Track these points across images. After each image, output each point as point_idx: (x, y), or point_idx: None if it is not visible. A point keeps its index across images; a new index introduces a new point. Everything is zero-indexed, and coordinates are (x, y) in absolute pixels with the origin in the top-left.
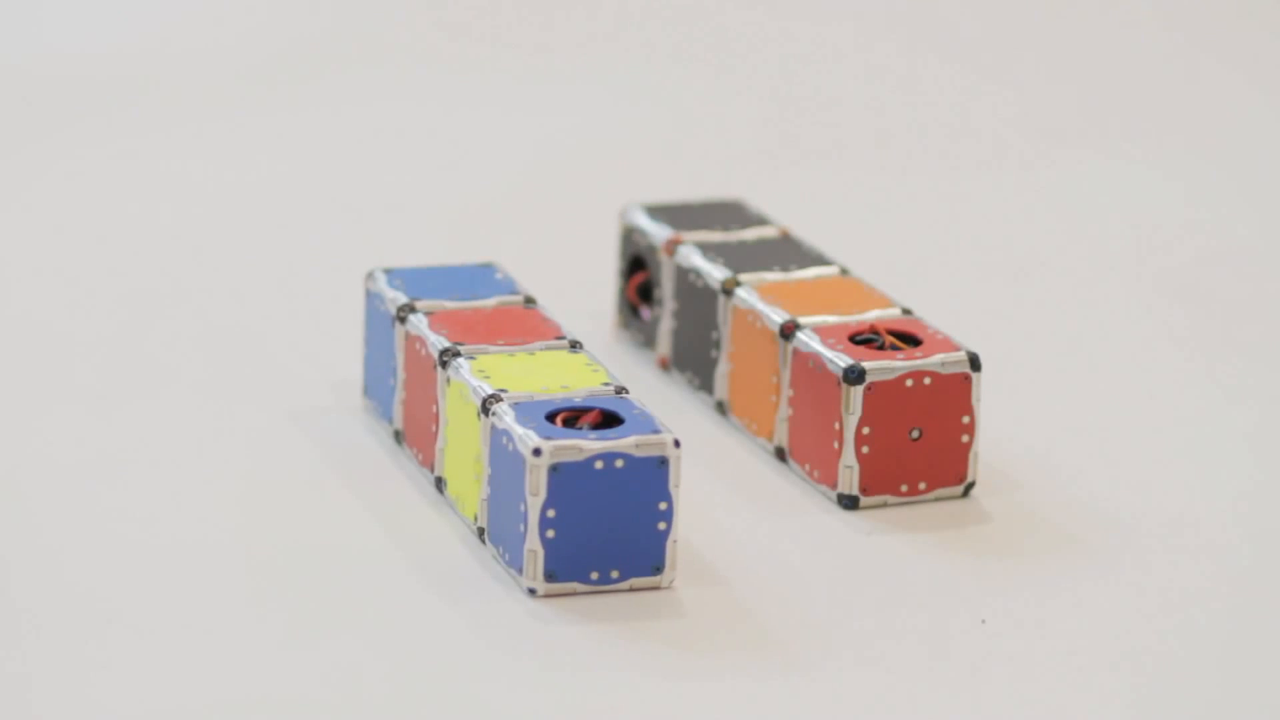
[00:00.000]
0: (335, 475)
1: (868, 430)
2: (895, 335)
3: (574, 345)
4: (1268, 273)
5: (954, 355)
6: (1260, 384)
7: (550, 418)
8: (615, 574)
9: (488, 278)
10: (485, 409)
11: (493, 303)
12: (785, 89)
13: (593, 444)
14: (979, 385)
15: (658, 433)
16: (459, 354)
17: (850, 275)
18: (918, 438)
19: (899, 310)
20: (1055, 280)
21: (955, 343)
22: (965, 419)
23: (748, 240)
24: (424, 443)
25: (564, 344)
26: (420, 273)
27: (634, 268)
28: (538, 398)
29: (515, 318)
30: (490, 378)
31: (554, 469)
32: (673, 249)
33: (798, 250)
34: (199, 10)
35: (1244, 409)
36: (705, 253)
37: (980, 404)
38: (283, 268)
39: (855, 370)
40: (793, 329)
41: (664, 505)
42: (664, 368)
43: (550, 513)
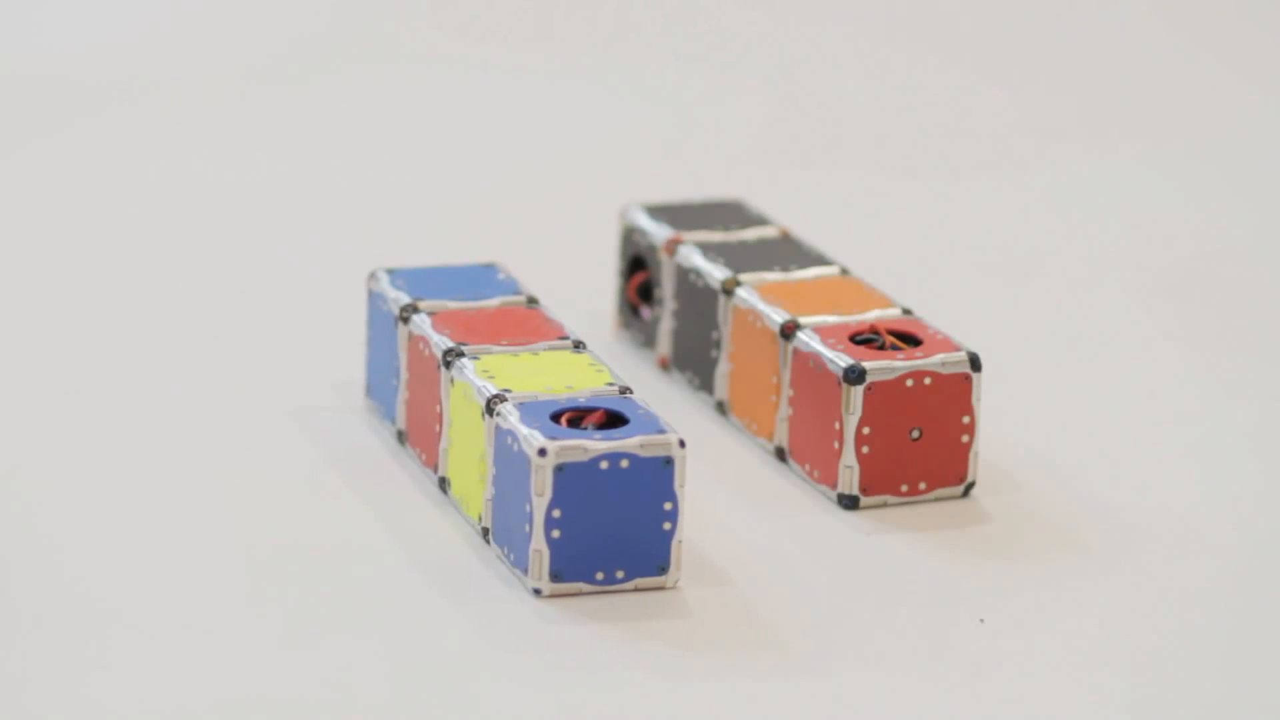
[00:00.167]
0: (338, 475)
1: (868, 430)
2: (895, 335)
3: (577, 345)
4: (1267, 272)
5: (954, 355)
6: (1260, 382)
7: (555, 418)
8: (620, 574)
9: (490, 278)
10: (490, 409)
11: (496, 303)
12: (785, 89)
13: (598, 444)
14: (979, 385)
15: (663, 433)
16: (463, 354)
17: (850, 275)
18: (918, 438)
19: (899, 310)
20: (1055, 280)
21: (955, 343)
22: (965, 419)
23: (748, 240)
24: (427, 443)
25: (567, 344)
26: (423, 273)
27: (634, 268)
28: (542, 398)
29: (518, 318)
30: (494, 378)
31: (559, 469)
32: (673, 249)
33: (798, 250)
34: (199, 10)
35: (1244, 408)
36: (705, 253)
37: (980, 404)
38: (284, 268)
39: (855, 370)
40: (793, 329)
41: (669, 505)
42: (664, 368)
43: (555, 513)
